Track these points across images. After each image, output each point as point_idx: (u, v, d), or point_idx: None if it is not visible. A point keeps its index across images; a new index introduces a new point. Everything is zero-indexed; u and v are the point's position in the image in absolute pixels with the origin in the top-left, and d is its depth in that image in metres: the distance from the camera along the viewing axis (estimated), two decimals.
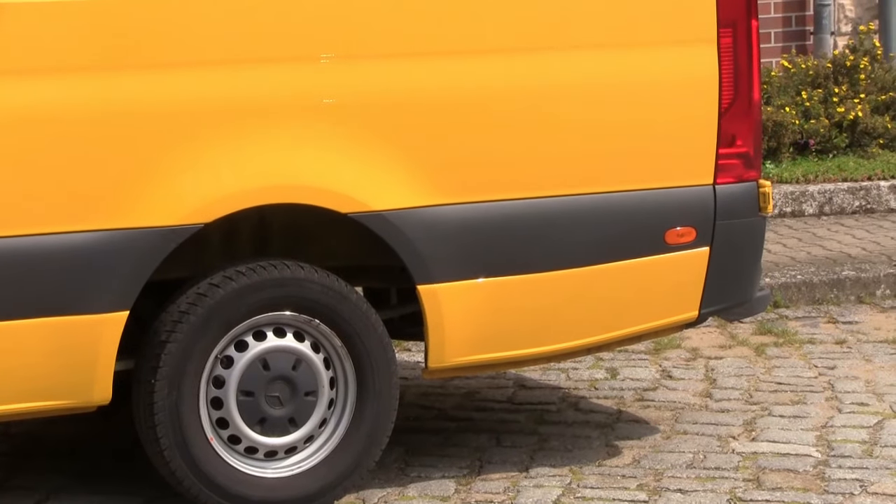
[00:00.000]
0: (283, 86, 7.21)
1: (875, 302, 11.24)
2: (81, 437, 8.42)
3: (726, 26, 7.78)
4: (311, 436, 7.40)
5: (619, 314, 7.86)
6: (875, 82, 14.18)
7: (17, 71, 6.82)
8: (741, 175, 7.89)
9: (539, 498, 7.55)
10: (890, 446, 8.25)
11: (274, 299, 7.31)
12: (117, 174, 6.98)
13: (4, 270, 6.83)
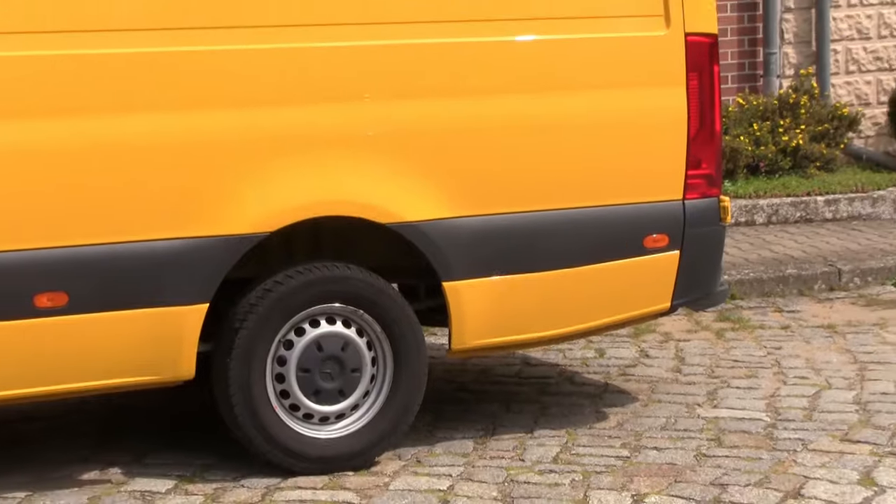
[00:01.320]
0: (333, 120, 7.26)
1: (813, 294, 11.27)
2: (155, 407, 8.52)
3: (693, 71, 7.84)
4: (357, 404, 7.46)
5: (606, 305, 7.91)
6: (813, 116, 14.17)
7: (132, 107, 6.91)
8: (705, 192, 7.95)
9: (542, 455, 7.60)
10: (826, 412, 8.29)
11: (326, 293, 7.37)
12: (201, 192, 7.04)
13: (115, 270, 6.92)
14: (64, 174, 6.84)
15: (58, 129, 6.81)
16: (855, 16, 15.57)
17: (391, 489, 7.16)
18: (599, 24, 7.77)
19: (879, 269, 11.60)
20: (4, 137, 6.70)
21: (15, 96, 6.73)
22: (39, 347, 6.90)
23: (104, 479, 7.32)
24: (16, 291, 6.81)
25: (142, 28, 6.96)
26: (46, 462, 7.56)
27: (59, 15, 6.79)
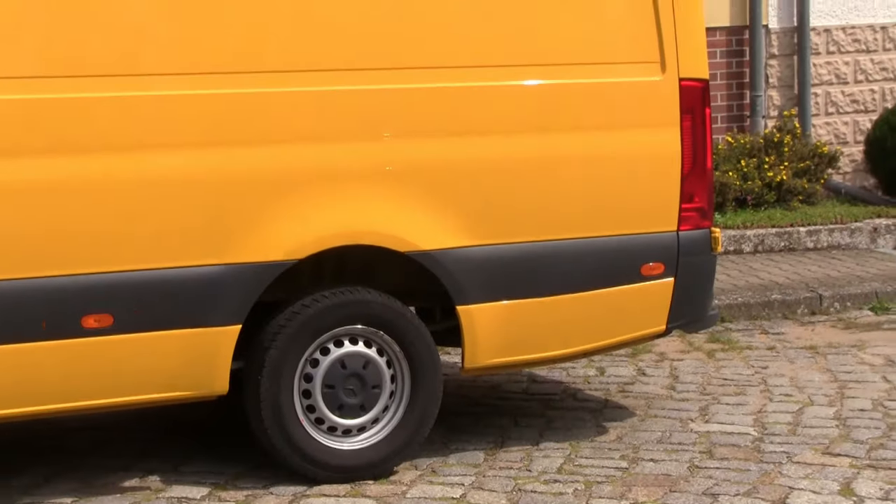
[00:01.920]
0: (357, 158, 7.25)
1: (797, 318, 11.26)
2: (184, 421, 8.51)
3: (686, 113, 7.84)
4: (377, 418, 7.45)
5: (606, 328, 7.88)
6: (795, 154, 14.16)
7: (175, 145, 6.93)
8: (698, 224, 7.93)
9: (547, 466, 7.58)
10: (808, 427, 8.27)
11: (349, 316, 7.36)
12: (236, 222, 7.04)
13: (157, 293, 6.92)
14: (113, 205, 6.86)
15: (110, 164, 6.83)
16: (833, 62, 15.58)
17: (408, 497, 7.14)
18: (600, 70, 7.76)
19: (857, 294, 11.59)
20: (60, 172, 6.72)
21: (71, 133, 6.76)
22: (86, 365, 6.89)
23: (144, 486, 7.32)
24: (65, 313, 6.81)
25: (189, 73, 6.98)
26: (92, 469, 7.56)
27: (116, 60, 6.85)
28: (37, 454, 7.88)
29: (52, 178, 6.75)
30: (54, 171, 6.75)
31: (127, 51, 6.92)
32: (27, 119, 6.70)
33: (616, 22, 7.85)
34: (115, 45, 6.88)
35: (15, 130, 6.65)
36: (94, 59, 6.84)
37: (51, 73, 6.76)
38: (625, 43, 7.83)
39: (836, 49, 15.60)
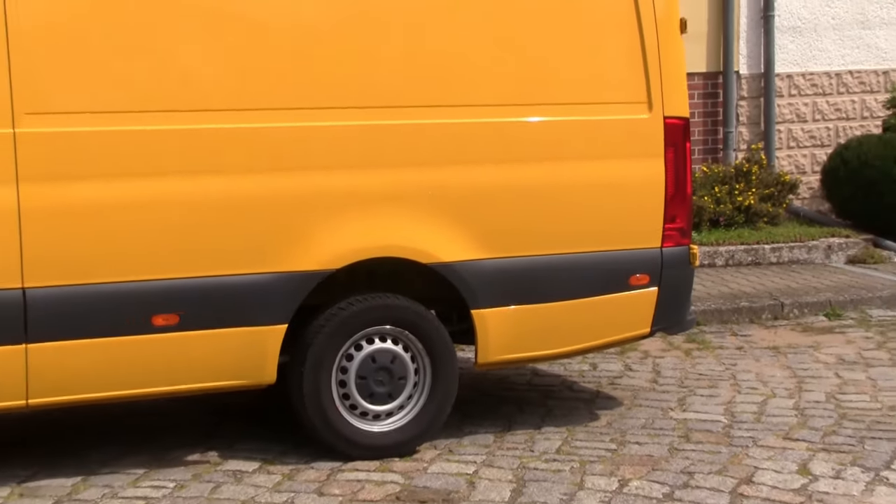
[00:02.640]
0: (386, 183, 7.26)
1: (761, 322, 11.23)
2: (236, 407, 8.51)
3: (670, 146, 7.82)
4: (402, 405, 7.46)
5: (599, 330, 7.86)
6: (761, 181, 14.14)
7: (237, 170, 6.97)
8: (679, 241, 7.91)
9: (547, 447, 7.58)
10: (771, 416, 8.25)
11: (379, 318, 7.37)
12: (284, 237, 7.05)
13: (217, 297, 6.97)
14: (182, 222, 6.90)
15: (181, 187, 6.88)
16: (794, 104, 15.57)
17: (429, 472, 7.13)
18: (596, 109, 7.73)
19: (813, 302, 11.57)
20: (143, 193, 6.79)
21: (155, 161, 6.84)
22: (155, 357, 6.92)
23: (204, 461, 7.34)
24: (136, 313, 6.84)
25: (249, 109, 7.02)
26: (159, 446, 7.57)
27: (193, 100, 6.92)
28: (113, 433, 7.89)
29: (136, 198, 6.80)
30: (143, 191, 6.81)
31: (203, 92, 6.96)
32: (127, 147, 6.80)
33: (610, 68, 7.83)
34: (195, 88, 6.95)
35: (125, 158, 6.78)
36: (176, 100, 6.89)
37: (143, 108, 6.83)
38: (617, 86, 7.81)
39: (797, 92, 15.58)
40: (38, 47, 6.65)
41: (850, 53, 15.77)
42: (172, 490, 6.86)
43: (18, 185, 6.56)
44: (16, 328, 6.63)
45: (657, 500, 6.69)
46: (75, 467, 7.22)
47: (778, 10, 15.28)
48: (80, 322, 6.74)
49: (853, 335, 10.74)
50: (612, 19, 7.81)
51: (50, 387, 6.77)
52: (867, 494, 6.79)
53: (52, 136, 6.64)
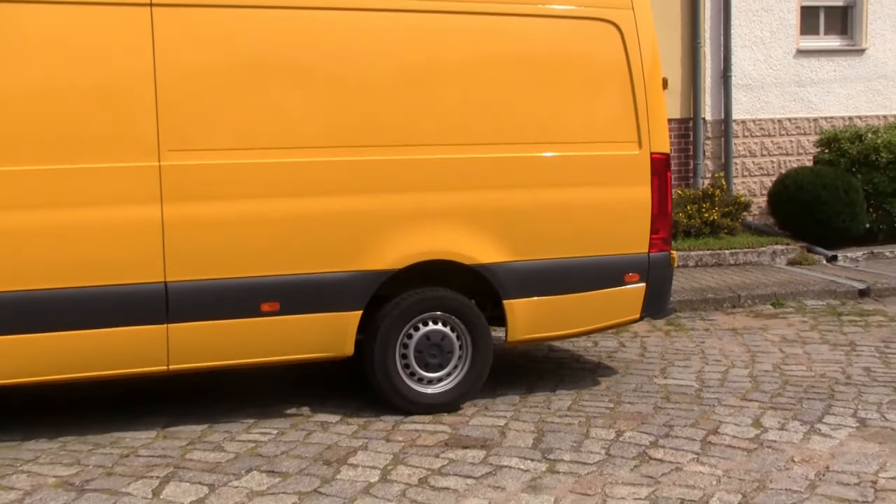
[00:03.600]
0: (438, 202, 7.28)
1: (723, 310, 11.18)
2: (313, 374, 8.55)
3: (655, 175, 7.81)
4: (450, 373, 7.47)
5: (600, 316, 7.84)
6: (723, 202, 14.08)
7: (327, 193, 7.02)
8: (661, 248, 7.89)
9: (560, 406, 7.57)
10: (731, 382, 8.23)
11: (432, 306, 7.40)
12: (361, 243, 7.09)
13: (310, 289, 6.99)
14: (285, 231, 6.95)
15: (283, 205, 6.94)
16: (747, 143, 15.54)
17: (470, 424, 7.15)
18: (598, 146, 7.72)
19: (763, 294, 11.52)
20: (254, 210, 6.86)
21: (266, 184, 6.92)
22: (262, 334, 6.97)
23: (299, 414, 7.36)
24: (249, 301, 6.90)
25: (333, 146, 7.06)
26: (264, 403, 7.61)
27: (291, 138, 6.98)
28: (230, 392, 7.94)
29: (249, 214, 6.87)
30: (255, 209, 6.87)
31: (301, 134, 7.01)
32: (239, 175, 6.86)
33: (609, 115, 7.81)
34: (294, 131, 7.00)
35: (241, 183, 6.86)
36: (279, 139, 6.95)
37: (255, 146, 6.90)
38: (615, 129, 7.79)
39: (749, 134, 15.55)
40: (177, 99, 6.72)
41: (788, 105, 15.74)
42: (276, 436, 6.89)
43: (162, 204, 6.64)
44: (159, 311, 6.71)
45: (645, 446, 6.69)
46: (203, 417, 7.28)
47: (734, 71, 15.27)
48: (207, 307, 6.80)
49: (793, 320, 10.69)
50: (611, 79, 7.78)
51: (184, 355, 6.84)
52: (805, 441, 6.79)
53: (188, 167, 6.71)
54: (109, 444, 6.76)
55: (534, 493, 5.93)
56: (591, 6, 7.73)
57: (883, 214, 14.27)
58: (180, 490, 5.97)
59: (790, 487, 6.00)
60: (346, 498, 5.86)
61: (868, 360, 8.98)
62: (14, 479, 6.13)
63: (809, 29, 15.91)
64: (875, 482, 6.09)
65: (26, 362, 6.56)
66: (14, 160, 6.43)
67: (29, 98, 6.48)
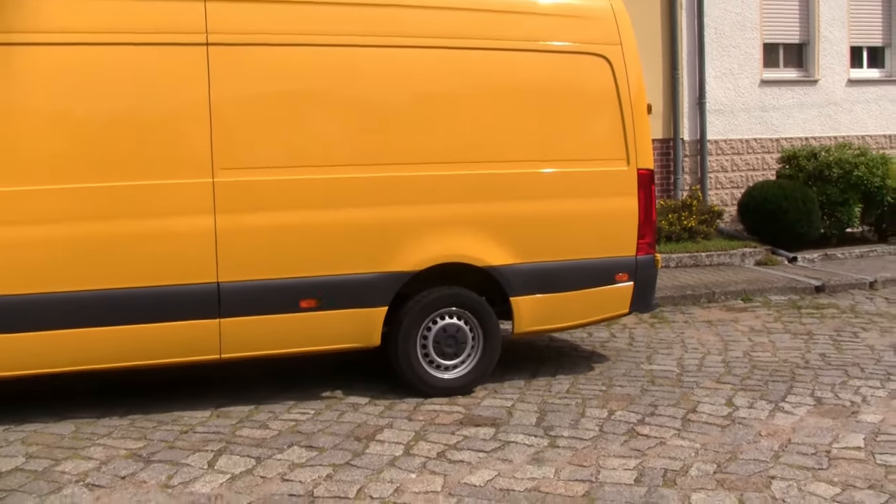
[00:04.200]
0: (453, 212, 7.21)
1: (700, 304, 11.09)
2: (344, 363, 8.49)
3: (641, 189, 7.72)
4: (463, 361, 7.40)
5: (594, 310, 7.75)
6: (700, 211, 13.99)
7: (358, 204, 6.97)
8: (647, 251, 7.79)
9: (560, 389, 7.50)
10: (707, 367, 8.14)
11: (449, 302, 7.33)
12: (387, 248, 7.03)
13: (343, 287, 6.92)
14: (320, 238, 6.90)
15: (321, 216, 6.90)
16: (720, 160, 15.44)
17: (482, 405, 7.08)
18: (592, 163, 7.64)
19: (734, 291, 11.43)
20: (297, 219, 6.82)
21: (304, 198, 6.86)
22: (301, 327, 6.92)
23: (333, 396, 7.30)
24: (290, 298, 6.85)
25: (362, 164, 7.02)
26: (302, 387, 7.55)
27: (325, 156, 6.94)
28: (273, 377, 7.87)
29: (290, 224, 6.83)
30: (295, 219, 6.83)
31: (334, 153, 6.98)
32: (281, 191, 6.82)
33: (601, 136, 7.72)
34: (329, 150, 6.97)
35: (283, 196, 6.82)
36: (316, 157, 6.92)
37: (295, 164, 6.86)
38: (606, 148, 7.71)
39: (721, 152, 15.46)
40: (228, 122, 6.70)
41: (754, 127, 15.66)
42: (313, 415, 6.84)
43: (216, 215, 6.61)
44: (213, 307, 6.67)
45: (633, 423, 6.62)
46: (250, 399, 7.22)
47: (708, 98, 15.19)
48: (253, 304, 6.76)
49: (760, 313, 10.58)
50: (603, 105, 7.72)
51: (235, 345, 6.80)
52: (770, 418, 6.73)
53: (238, 183, 6.68)
54: (171, 421, 6.72)
55: (537, 465, 5.86)
56: (585, 42, 7.67)
57: (835, 221, 14.26)
58: (231, 462, 5.93)
59: (758, 458, 5.95)
60: (374, 469, 5.79)
61: (823, 347, 8.88)
62: (92, 451, 6.13)
63: (771, 62, 15.89)
64: (829, 452, 6.07)
65: (106, 351, 6.57)
66: (93, 178, 6.44)
67: (105, 125, 6.52)
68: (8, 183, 6.29)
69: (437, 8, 7.30)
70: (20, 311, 6.33)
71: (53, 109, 6.43)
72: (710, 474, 5.71)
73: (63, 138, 6.41)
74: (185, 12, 6.65)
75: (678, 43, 14.94)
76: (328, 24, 6.97)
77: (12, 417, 6.77)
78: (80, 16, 6.44)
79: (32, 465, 5.90)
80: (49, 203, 6.35)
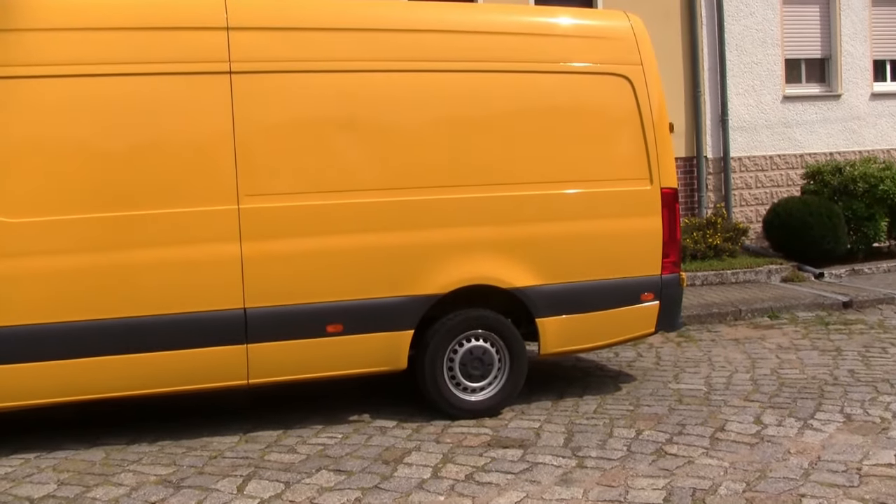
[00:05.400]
0: (479, 235, 7.22)
1: (726, 322, 11.05)
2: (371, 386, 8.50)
3: (665, 207, 7.72)
4: (490, 382, 7.39)
5: (620, 330, 7.73)
6: (724, 228, 13.97)
7: (386, 229, 7.01)
8: (672, 270, 7.78)
9: (587, 409, 7.48)
10: (735, 385, 8.11)
11: (474, 324, 7.32)
12: (413, 272, 7.05)
13: (369, 312, 6.95)
14: (345, 263, 6.93)
15: (344, 242, 6.92)
16: (743, 177, 15.42)
17: (509, 427, 7.07)
18: (615, 183, 7.64)
19: (760, 308, 11.40)
20: (319, 245, 6.85)
21: (326, 223, 6.89)
22: (328, 353, 6.93)
23: (360, 420, 7.31)
24: (316, 323, 6.88)
25: (384, 188, 7.04)
26: (328, 411, 7.55)
27: (348, 182, 6.97)
28: (301, 402, 7.89)
29: (314, 249, 6.86)
30: (320, 244, 6.86)
31: (356, 179, 7.01)
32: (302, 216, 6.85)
33: (624, 156, 7.73)
34: (351, 177, 7.00)
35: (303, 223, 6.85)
36: (339, 184, 6.96)
37: (318, 190, 6.90)
38: (629, 167, 7.72)
39: (745, 169, 15.44)
40: (253, 148, 6.76)
41: (778, 143, 15.64)
42: (341, 439, 6.85)
43: (241, 242, 6.66)
44: (240, 333, 6.71)
45: (661, 443, 6.61)
46: (278, 424, 7.24)
47: (730, 115, 15.19)
48: (280, 329, 6.78)
49: (787, 330, 10.54)
50: (625, 125, 7.73)
51: (262, 371, 6.83)
52: (799, 435, 6.70)
53: (263, 209, 6.72)
54: (200, 447, 6.75)
55: (565, 486, 5.85)
56: (606, 63, 7.70)
57: (861, 236, 14.19)
58: (260, 487, 5.95)
59: (787, 475, 5.92)
60: (402, 492, 5.80)
61: (852, 363, 8.84)
62: (122, 477, 6.17)
63: (793, 78, 15.87)
64: (860, 469, 6.02)
65: (136, 378, 6.62)
66: (120, 208, 6.52)
67: (132, 155, 6.58)
68: (40, 213, 6.37)
69: (460, 32, 7.35)
70: (53, 339, 6.39)
71: (81, 140, 6.50)
72: (739, 493, 5.69)
73: (90, 168, 6.48)
74: (209, 42, 6.71)
75: (699, 61, 14.95)
76: (350, 50, 7.03)
77: (43, 445, 6.83)
78: (106, 47, 6.52)
79: (64, 491, 5.95)
80: (79, 233, 6.42)
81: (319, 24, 7.00)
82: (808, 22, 15.88)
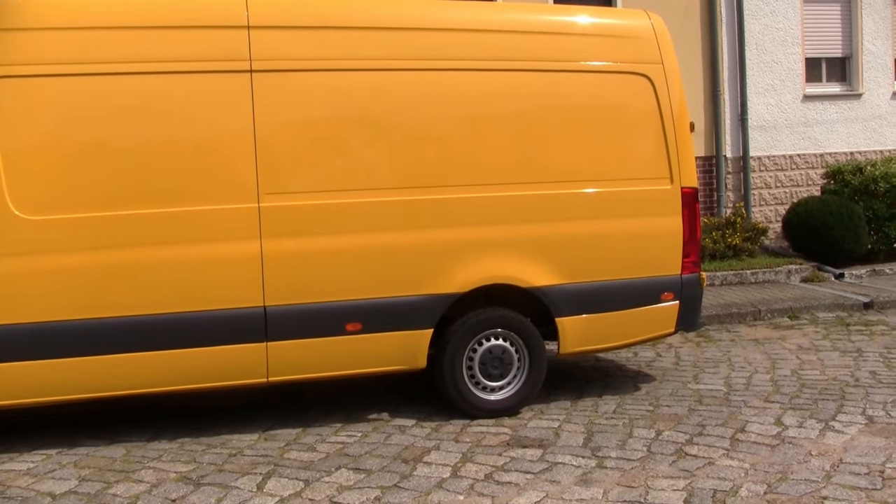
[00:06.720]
0: (498, 234, 7.21)
1: (746, 322, 11.03)
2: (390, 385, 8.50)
3: (685, 207, 7.69)
4: (509, 382, 7.38)
5: (640, 330, 7.71)
6: (744, 228, 13.95)
7: (407, 228, 7.01)
8: (692, 270, 7.76)
9: (606, 409, 7.47)
10: (755, 385, 8.09)
11: (494, 323, 7.32)
12: (433, 271, 7.04)
13: (388, 310, 6.95)
14: (363, 261, 6.93)
15: (362, 240, 6.91)
16: (763, 176, 15.36)
17: (528, 426, 7.06)
18: (636, 182, 7.63)
19: (780, 308, 11.36)
20: (338, 244, 6.86)
21: (345, 222, 6.90)
22: (347, 351, 6.94)
23: (379, 419, 7.32)
24: (336, 322, 6.88)
25: (401, 187, 7.04)
26: (348, 409, 7.57)
27: (366, 181, 6.97)
28: (320, 400, 7.90)
29: (334, 247, 6.87)
30: (340, 243, 6.87)
31: (377, 178, 7.00)
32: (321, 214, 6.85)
33: (645, 156, 7.71)
34: (371, 175, 7.00)
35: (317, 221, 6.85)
36: (358, 182, 6.95)
37: (337, 188, 6.90)
38: (650, 167, 7.70)
39: (764, 169, 15.38)
40: (273, 147, 6.77)
41: (798, 143, 15.59)
42: (360, 438, 6.86)
43: (262, 240, 6.67)
44: (260, 331, 6.71)
45: (681, 444, 6.59)
46: (298, 422, 7.26)
47: (750, 115, 15.15)
48: (299, 327, 6.79)
49: (807, 330, 10.50)
50: (645, 124, 7.72)
51: (282, 369, 6.84)
52: (820, 437, 6.67)
53: (283, 207, 6.73)
54: (219, 445, 6.77)
55: (585, 486, 5.84)
56: (626, 62, 7.68)
57: (882, 236, 14.13)
58: (280, 485, 5.96)
59: (808, 478, 5.90)
60: (422, 491, 5.80)
61: (873, 365, 8.79)
62: (143, 474, 6.19)
63: (813, 77, 15.80)
64: (882, 472, 5.99)
65: (156, 375, 6.64)
66: (141, 205, 6.54)
67: (153, 153, 6.60)
68: (62, 211, 6.41)
69: (480, 31, 7.34)
70: (75, 336, 6.42)
71: (101, 138, 6.52)
72: (760, 495, 5.67)
73: (111, 166, 6.50)
74: (230, 40, 6.73)
75: (719, 60, 14.90)
76: (371, 48, 7.03)
77: (64, 441, 6.87)
78: (127, 46, 6.55)
79: (85, 487, 5.98)
80: (100, 230, 6.45)
81: (340, 23, 7.01)
82: (828, 20, 15.81)
